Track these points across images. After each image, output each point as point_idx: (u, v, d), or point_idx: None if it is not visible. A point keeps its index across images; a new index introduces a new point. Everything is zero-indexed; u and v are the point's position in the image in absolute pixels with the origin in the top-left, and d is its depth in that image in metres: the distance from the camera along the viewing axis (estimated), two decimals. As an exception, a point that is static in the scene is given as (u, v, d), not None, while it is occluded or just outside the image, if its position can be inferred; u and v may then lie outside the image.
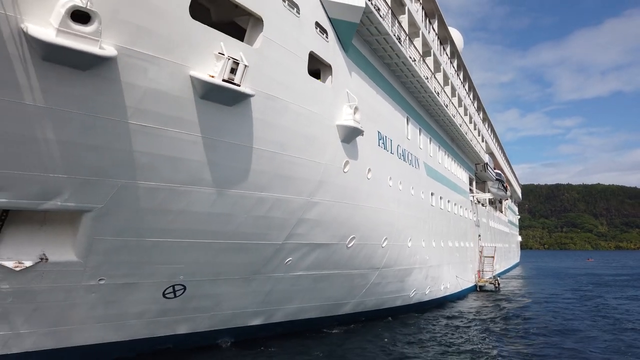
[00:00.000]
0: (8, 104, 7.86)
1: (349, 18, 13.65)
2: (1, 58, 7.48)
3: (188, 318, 13.36)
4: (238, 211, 11.89)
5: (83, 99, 8.45)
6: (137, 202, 10.15)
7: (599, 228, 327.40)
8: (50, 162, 8.76)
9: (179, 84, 9.46)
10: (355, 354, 14.03)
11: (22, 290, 10.14)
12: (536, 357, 13.89)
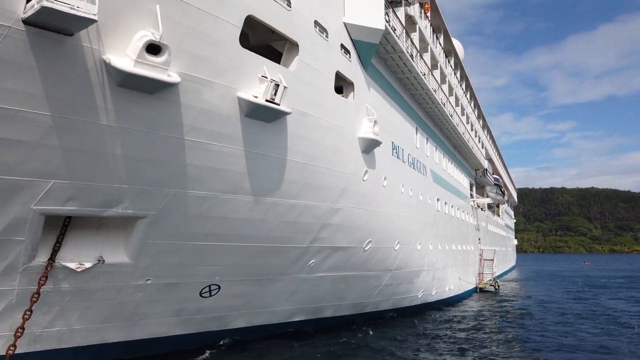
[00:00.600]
0: (86, 124, 8.96)
1: (370, 39, 14.86)
2: (85, 85, 8.59)
3: (219, 316, 14.42)
4: (270, 217, 13.01)
5: (148, 119, 9.56)
6: (185, 209, 11.26)
7: (593, 232, 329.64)
8: (115, 174, 9.86)
9: (228, 104, 10.59)
10: (370, 350, 15.13)
11: (79, 289, 11.18)
12: (539, 354, 15.00)
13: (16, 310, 10.63)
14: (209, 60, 9.88)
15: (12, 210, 9.32)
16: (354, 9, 14.23)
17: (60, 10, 7.04)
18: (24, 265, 10.12)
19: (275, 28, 11.35)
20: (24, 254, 9.98)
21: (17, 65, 7.93)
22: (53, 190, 9.42)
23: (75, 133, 8.98)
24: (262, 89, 10.79)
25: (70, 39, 8.12)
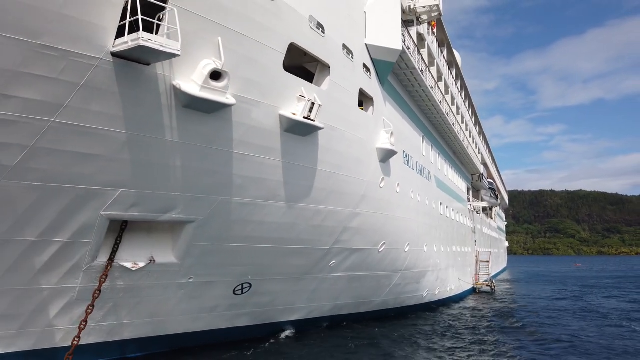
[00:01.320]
0: (154, 140, 10.21)
1: (388, 58, 16.23)
2: (155, 106, 9.85)
3: (248, 312, 15.64)
4: (300, 221, 14.30)
5: (204, 135, 10.83)
6: (229, 214, 12.51)
7: (582, 234, 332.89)
8: (173, 184, 11.11)
9: (271, 121, 11.88)
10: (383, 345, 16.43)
11: (131, 287, 12.38)
12: (536, 348, 16.35)
13: (75, 306, 11.80)
14: (257, 83, 11.17)
15: (84, 216, 10.52)
16: (374, 31, 15.60)
17: (154, 48, 8.29)
18: (87, 265, 11.30)
19: (312, 53, 12.66)
20: (89, 254, 11.16)
21: (103, 91, 9.17)
22: (120, 198, 10.65)
23: (143, 148, 10.22)
24: (301, 107, 12.09)
25: (147, 67, 9.38)
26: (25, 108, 8.64)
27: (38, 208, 9.95)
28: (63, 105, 8.94)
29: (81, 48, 8.58)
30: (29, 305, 11.19)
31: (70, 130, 9.25)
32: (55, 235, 10.49)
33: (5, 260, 10.30)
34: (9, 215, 9.75)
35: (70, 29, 8.34)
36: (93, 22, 8.51)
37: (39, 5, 7.94)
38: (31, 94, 8.57)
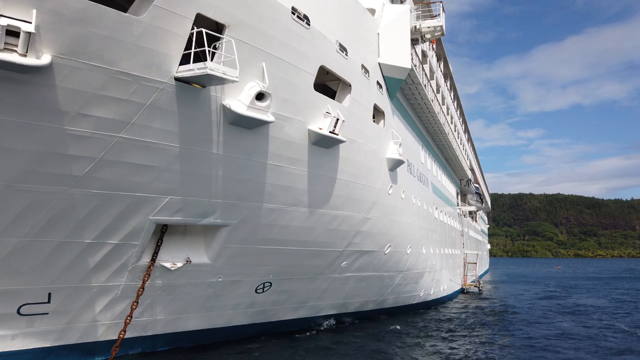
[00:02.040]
0: (202, 152, 11.38)
1: (398, 76, 17.62)
2: (206, 123, 11.03)
3: (265, 310, 16.80)
4: (319, 225, 15.55)
5: (244, 148, 12.03)
6: (258, 219, 13.71)
7: (559, 236, 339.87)
8: (214, 192, 12.28)
9: (301, 135, 13.13)
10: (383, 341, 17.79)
11: (168, 285, 13.48)
12: (523, 345, 17.82)
13: (118, 302, 12.88)
14: (291, 101, 12.41)
15: (135, 220, 11.63)
16: (386, 51, 16.96)
17: (218, 75, 9.48)
18: (133, 265, 12.39)
19: (336, 73, 13.96)
20: (135, 255, 12.26)
21: (164, 110, 10.32)
22: (168, 204, 11.79)
23: (192, 160, 11.39)
24: (327, 122, 13.37)
25: (203, 89, 10.56)
26: (98, 125, 9.76)
27: (97, 213, 11.03)
28: (130, 123, 10.07)
29: (150, 74, 9.73)
30: (79, 302, 12.21)
31: (132, 145, 10.39)
32: (109, 237, 11.57)
33: (64, 260, 11.33)
34: (71, 219, 10.81)
35: (142, 58, 9.49)
36: (162, 52, 9.68)
37: (119, 37, 9.08)
38: (104, 113, 9.69)
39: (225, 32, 10.40)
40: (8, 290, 11.03)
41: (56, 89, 8.97)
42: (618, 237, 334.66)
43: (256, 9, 10.89)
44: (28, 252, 10.74)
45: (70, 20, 8.48)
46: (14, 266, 10.79)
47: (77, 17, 8.52)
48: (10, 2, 7.88)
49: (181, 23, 9.68)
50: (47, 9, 8.19)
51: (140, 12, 9.26)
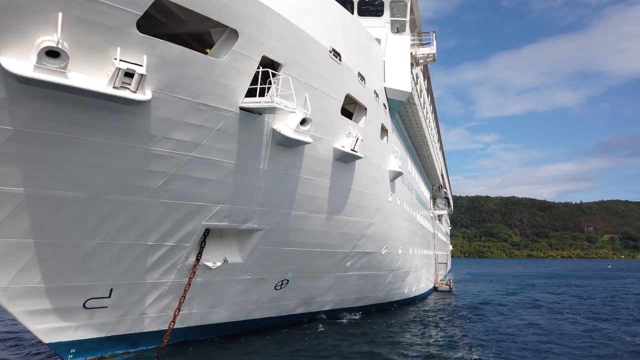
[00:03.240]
0: (251, 168, 13.34)
1: (400, 98, 20.01)
2: (258, 143, 13.01)
3: (279, 305, 18.77)
4: (333, 229, 17.69)
5: (284, 163, 14.06)
6: (287, 224, 15.74)
7: (513, 238, 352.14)
8: (255, 201, 14.24)
9: (327, 152, 15.25)
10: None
11: (206, 282, 15.30)
12: (497, 332, 20.47)
13: (163, 297, 14.62)
14: (323, 124, 14.52)
15: (190, 225, 13.47)
16: (391, 76, 19.32)
17: (280, 107, 11.50)
18: (181, 264, 14.18)
19: (357, 99, 16.16)
20: (184, 255, 14.07)
21: (227, 133, 12.25)
22: (218, 212, 13.68)
23: (243, 174, 13.34)
24: (349, 141, 15.55)
25: (259, 116, 12.54)
26: (176, 146, 11.60)
27: (162, 219, 12.82)
28: (200, 144, 11.95)
29: (222, 104, 11.66)
30: (133, 297, 13.90)
31: (199, 162, 12.26)
32: (167, 240, 13.36)
33: (127, 259, 13.04)
34: (141, 225, 12.56)
35: (218, 91, 11.41)
36: (232, 86, 11.62)
37: (204, 76, 10.98)
38: (182, 136, 11.55)
39: (280, 69, 12.42)
40: (79, 286, 12.64)
41: (149, 117, 10.78)
42: (568, 238, 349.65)
43: (305, 50, 12.97)
44: (101, 253, 12.42)
45: (171, 63, 10.33)
46: (88, 265, 12.43)
47: (176, 60, 10.39)
48: (127, 48, 9.67)
49: (250, 63, 11.65)
50: (155, 55, 10.02)
51: (220, 55, 11.18)
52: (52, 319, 12.60)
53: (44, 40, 8.72)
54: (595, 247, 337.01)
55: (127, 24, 9.46)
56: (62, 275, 12.17)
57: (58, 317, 12.69)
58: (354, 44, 15.80)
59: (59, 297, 12.41)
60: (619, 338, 18.49)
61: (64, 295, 12.47)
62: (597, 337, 18.76)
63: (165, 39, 10.45)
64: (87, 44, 9.20)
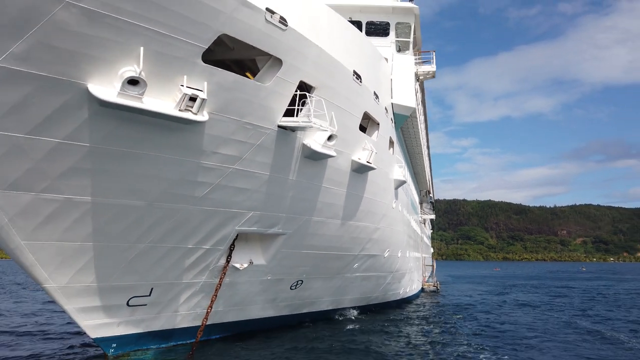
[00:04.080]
0: (282, 178, 14.77)
1: (405, 112, 21.69)
2: (289, 157, 14.43)
3: (292, 304, 20.16)
4: (345, 234, 19.20)
5: (309, 174, 15.52)
6: (307, 229, 17.18)
7: (490, 241, 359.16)
8: (283, 208, 15.66)
9: (346, 164, 16.77)
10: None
11: (233, 282, 16.61)
12: (487, 328, 22.24)
13: (195, 296, 15.88)
14: (344, 139, 16.03)
15: (225, 230, 14.81)
16: (397, 93, 20.98)
17: (316, 126, 12.98)
18: (213, 265, 15.49)
19: (372, 115, 17.74)
20: (217, 257, 15.39)
21: (265, 148, 13.67)
22: (250, 218, 15.05)
23: (274, 184, 14.75)
24: (365, 154, 17.10)
25: (292, 132, 13.99)
26: (222, 159, 12.97)
27: (201, 225, 14.13)
28: (242, 158, 13.34)
29: (263, 123, 13.08)
30: (169, 295, 15.15)
31: (239, 173, 13.64)
32: (204, 243, 14.66)
33: (169, 261, 14.31)
34: (184, 230, 13.86)
35: (261, 112, 12.83)
36: (273, 107, 13.05)
37: (251, 99, 12.39)
38: (228, 151, 12.92)
39: (313, 91, 13.90)
40: (125, 285, 13.86)
41: (203, 135, 12.14)
42: (542, 241, 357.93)
43: (334, 74, 14.49)
44: (147, 255, 13.67)
45: (225, 88, 11.72)
46: (135, 266, 13.67)
47: (230, 86, 11.78)
48: (192, 76, 11.03)
49: (289, 87, 13.11)
50: (214, 81, 11.40)
51: (265, 81, 12.62)
52: (99, 315, 13.77)
53: (127, 70, 10.02)
54: (568, 250, 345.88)
55: (193, 56, 10.83)
56: (113, 275, 13.37)
57: (104, 314, 13.86)
58: (370, 65, 17.38)
59: (107, 296, 13.60)
60: (601, 333, 20.46)
61: (112, 293, 13.67)
62: (583, 333, 20.66)
63: (211, 64, 11.84)
64: (160, 73, 10.53)
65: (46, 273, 12.22)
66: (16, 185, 10.60)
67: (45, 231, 11.58)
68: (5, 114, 9.59)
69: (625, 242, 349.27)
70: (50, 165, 10.69)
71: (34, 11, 8.70)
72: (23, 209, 10.96)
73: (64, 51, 9.38)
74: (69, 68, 9.62)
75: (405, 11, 22.75)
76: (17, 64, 9.10)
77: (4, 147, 10.00)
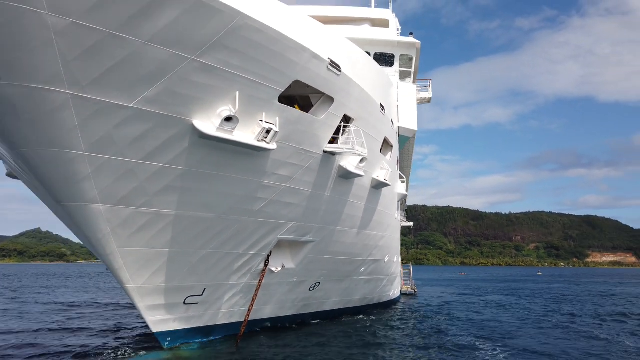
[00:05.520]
0: (319, 194, 17.24)
1: (408, 134, 24.64)
2: (327, 175, 16.92)
3: (307, 304, 22.55)
4: (359, 241, 21.80)
5: (341, 191, 18.06)
6: (332, 237, 19.68)
7: (448, 246, 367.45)
8: (317, 219, 18.12)
9: (368, 182, 19.39)
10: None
11: (267, 284, 18.90)
12: (469, 322, 25.27)
13: (236, 296, 18.06)
14: (370, 161, 18.64)
15: (270, 238, 17.15)
16: (402, 117, 23.84)
17: (359, 153, 15.53)
18: (255, 269, 17.78)
19: (389, 139, 20.44)
20: (259, 262, 17.69)
21: (310, 169, 16.12)
22: (290, 228, 17.44)
23: (313, 199, 17.21)
24: (383, 173, 19.77)
25: (332, 156, 16.51)
26: (278, 179, 15.35)
27: (253, 233, 16.42)
28: (292, 177, 15.75)
29: (313, 148, 15.55)
30: (216, 295, 17.31)
31: (288, 190, 16.04)
32: (251, 250, 16.94)
33: (222, 264, 16.50)
34: (239, 238, 16.11)
35: (313, 140, 15.30)
36: (321, 135, 15.54)
37: (307, 130, 14.85)
38: (284, 172, 15.31)
39: (352, 122, 16.47)
40: (185, 285, 15.98)
41: (267, 159, 14.50)
42: (497, 247, 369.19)
43: (367, 107, 17.12)
44: (207, 259, 15.86)
45: (290, 122, 14.14)
46: (196, 269, 15.83)
47: (294, 120, 14.22)
48: (269, 113, 13.41)
49: (336, 120, 15.65)
50: (284, 117, 13.81)
51: (319, 115, 15.11)
52: (161, 312, 15.82)
53: (224, 109, 12.32)
54: (522, 255, 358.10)
55: (272, 97, 13.23)
56: (177, 277, 15.48)
57: (165, 311, 15.91)
58: (388, 95, 20.15)
59: (170, 295, 15.67)
60: (569, 326, 23.82)
61: (174, 293, 15.75)
62: (555, 327, 23.95)
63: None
64: (247, 111, 12.86)
65: (129, 275, 14.27)
66: (122, 201, 12.69)
67: (135, 239, 13.67)
68: (128, 144, 11.73)
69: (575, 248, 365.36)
70: (151, 185, 12.84)
71: (167, 65, 10.92)
72: (124, 220, 13.04)
73: (181, 95, 11.62)
74: (182, 108, 11.85)
75: (409, 45, 25.75)
76: (147, 105, 11.29)
77: (120, 171, 12.10)
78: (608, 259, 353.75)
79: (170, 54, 10.73)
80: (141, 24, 10.04)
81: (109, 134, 11.30)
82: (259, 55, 12.23)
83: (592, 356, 16.30)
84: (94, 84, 10.37)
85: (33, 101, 10.07)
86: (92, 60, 10.02)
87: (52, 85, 9.99)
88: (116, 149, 11.64)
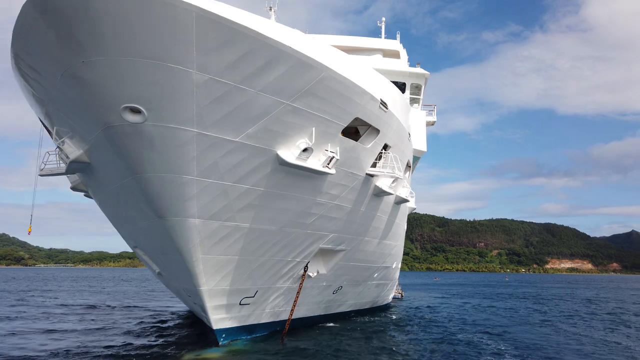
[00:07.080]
0: (356, 210, 19.90)
1: (419, 155, 27.64)
2: (364, 194, 19.61)
3: (328, 305, 25.11)
4: (378, 250, 24.52)
5: (372, 206, 20.76)
6: (359, 245, 22.35)
7: (415, 251, 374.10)
8: (350, 230, 20.76)
9: (393, 199, 22.18)
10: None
11: (304, 287, 21.41)
12: (459, 320, 28.39)
13: (278, 298, 20.42)
14: (398, 181, 21.42)
15: (314, 247, 19.68)
16: (414, 139, 26.74)
17: (397, 177, 18.30)
18: (296, 274, 20.25)
19: (409, 162, 23.31)
20: (301, 268, 20.19)
21: (354, 189, 18.77)
22: (330, 238, 20.04)
23: (352, 213, 19.85)
24: (405, 191, 22.59)
25: (371, 177, 19.22)
26: (329, 197, 17.92)
27: (301, 243, 18.93)
28: (339, 196, 18.38)
29: (358, 171, 18.23)
30: (264, 297, 19.68)
31: (335, 206, 18.65)
32: (297, 257, 19.42)
33: (272, 270, 18.90)
34: (290, 246, 18.57)
35: (358, 164, 17.98)
36: (365, 160, 18.24)
37: (356, 156, 17.52)
38: (334, 191, 17.90)
39: (389, 149, 19.24)
40: (243, 288, 18.33)
41: (324, 181, 17.09)
42: (462, 253, 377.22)
43: (400, 136, 19.92)
44: (263, 265, 18.27)
45: (346, 150, 16.79)
46: (254, 274, 18.21)
47: (349, 148, 16.88)
48: (333, 143, 16.03)
49: (378, 148, 18.39)
50: (342, 146, 16.45)
51: (366, 144, 17.81)
52: (222, 311, 18.09)
53: (302, 142, 14.88)
54: (486, 261, 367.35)
55: (337, 131, 15.87)
56: (239, 281, 17.82)
57: (225, 311, 18.19)
58: (411, 122, 23.06)
59: (232, 296, 17.98)
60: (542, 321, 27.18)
61: (233, 295, 18.07)
62: (536, 324, 27.25)
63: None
64: (317, 143, 15.46)
65: (205, 279, 16.56)
66: (213, 216, 15.05)
67: (215, 248, 16.00)
68: (227, 170, 14.15)
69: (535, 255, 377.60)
70: (237, 203, 15.25)
71: (269, 108, 13.44)
72: (211, 232, 15.38)
73: (273, 131, 14.14)
74: (270, 141, 14.37)
75: (419, 75, 28.85)
76: (247, 139, 13.76)
77: (216, 191, 14.49)
78: (566, 266, 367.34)
79: (273, 100, 13.27)
80: (258, 78, 12.56)
81: (215, 162, 13.70)
82: (334, 99, 14.87)
83: (584, 346, 19.50)
84: (214, 124, 12.79)
85: (168, 137, 12.42)
86: (217, 106, 12.46)
87: (185, 126, 12.37)
88: (218, 174, 14.04)
